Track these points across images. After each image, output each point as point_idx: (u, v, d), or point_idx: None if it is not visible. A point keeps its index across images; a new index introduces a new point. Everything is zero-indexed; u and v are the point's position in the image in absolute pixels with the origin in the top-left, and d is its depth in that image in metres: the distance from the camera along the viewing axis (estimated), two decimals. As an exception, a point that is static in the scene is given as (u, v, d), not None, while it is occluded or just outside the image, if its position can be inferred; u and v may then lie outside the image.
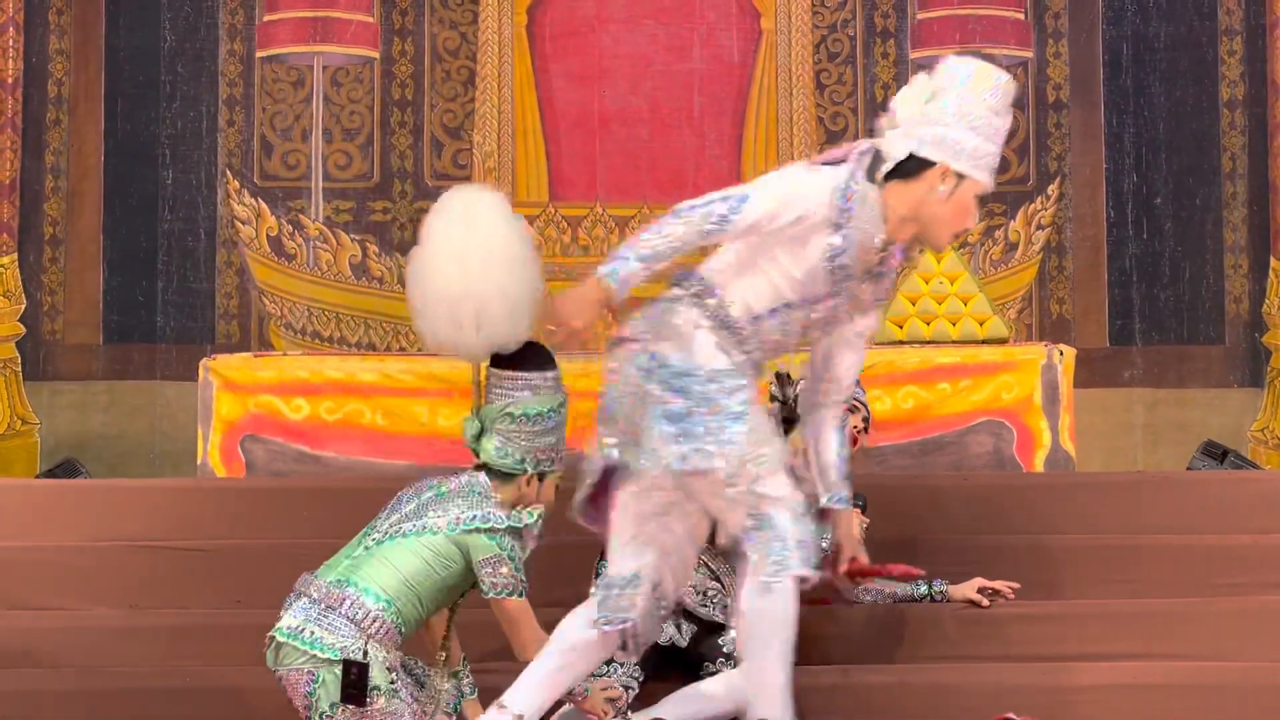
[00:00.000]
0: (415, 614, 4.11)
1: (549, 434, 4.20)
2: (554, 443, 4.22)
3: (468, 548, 4.09)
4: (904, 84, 9.48)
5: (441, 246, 4.22)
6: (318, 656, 4.01)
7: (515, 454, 4.18)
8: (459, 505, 4.14)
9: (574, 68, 8.56)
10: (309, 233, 8.59)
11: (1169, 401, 8.30)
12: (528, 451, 4.18)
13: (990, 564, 5.16)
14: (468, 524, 4.09)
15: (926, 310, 6.96)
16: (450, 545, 4.10)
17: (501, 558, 4.08)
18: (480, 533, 4.09)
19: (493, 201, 4.31)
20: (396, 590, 4.07)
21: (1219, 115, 8.50)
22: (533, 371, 4.19)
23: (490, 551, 4.08)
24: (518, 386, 4.18)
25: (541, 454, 4.19)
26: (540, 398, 4.18)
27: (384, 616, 4.04)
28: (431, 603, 4.13)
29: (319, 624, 4.04)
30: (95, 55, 8.58)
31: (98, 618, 5.16)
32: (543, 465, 4.20)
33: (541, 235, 8.49)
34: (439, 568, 4.10)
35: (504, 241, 4.21)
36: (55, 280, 8.50)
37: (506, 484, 4.19)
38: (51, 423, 8.31)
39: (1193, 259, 8.45)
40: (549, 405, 4.20)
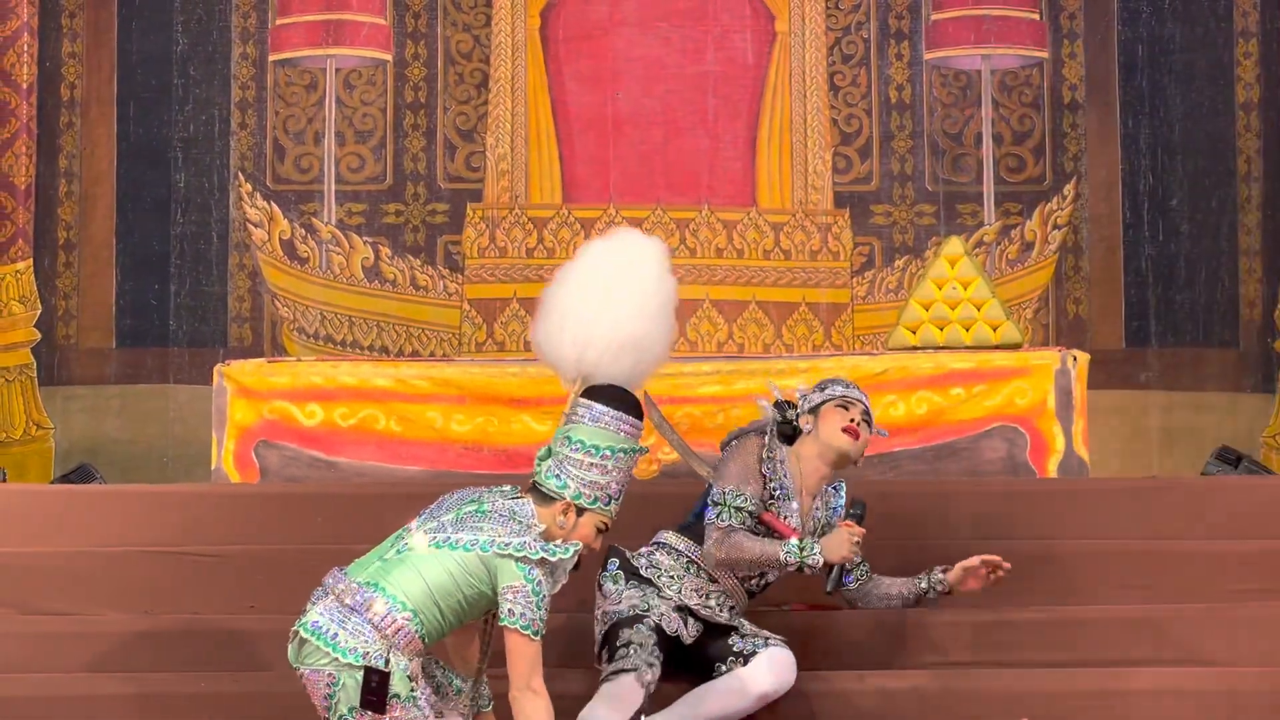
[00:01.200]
0: (437, 625, 4.10)
1: (603, 471, 4.17)
2: (604, 483, 4.18)
3: (495, 570, 4.07)
4: (918, 85, 9.50)
5: (599, 271, 4.29)
6: (339, 660, 4.01)
7: (561, 479, 4.17)
8: (498, 528, 4.11)
9: (587, 70, 8.56)
10: (321, 236, 8.60)
11: (1184, 405, 8.28)
12: (575, 480, 4.16)
13: (1003, 570, 5.16)
14: (502, 548, 4.07)
15: (940, 315, 6.95)
16: (479, 564, 4.08)
17: (525, 588, 4.05)
18: (512, 559, 4.06)
19: (660, 248, 4.40)
20: (420, 600, 4.06)
21: (1234, 118, 8.48)
22: (608, 407, 4.19)
23: (516, 579, 4.05)
24: (588, 415, 4.19)
25: (586, 487, 4.16)
26: (604, 433, 4.17)
27: (409, 626, 4.04)
28: (454, 616, 4.12)
29: (343, 626, 4.03)
30: (108, 59, 8.60)
31: (111, 623, 5.17)
32: (584, 499, 4.17)
33: (555, 238, 8.50)
34: (464, 585, 4.08)
35: (655, 285, 4.30)
36: (69, 285, 8.52)
37: (547, 506, 4.18)
38: (65, 427, 8.33)
39: (1208, 262, 8.43)
40: (609, 443, 4.17)
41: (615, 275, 4.28)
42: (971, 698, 4.82)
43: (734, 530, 4.63)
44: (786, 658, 4.65)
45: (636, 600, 4.62)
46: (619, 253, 4.33)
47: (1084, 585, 5.25)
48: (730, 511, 4.65)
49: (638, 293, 4.29)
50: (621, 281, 4.28)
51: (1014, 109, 8.68)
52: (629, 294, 4.27)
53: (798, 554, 4.60)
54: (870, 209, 8.63)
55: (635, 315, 4.26)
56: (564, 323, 4.27)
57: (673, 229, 8.45)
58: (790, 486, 4.75)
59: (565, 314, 4.27)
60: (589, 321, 4.23)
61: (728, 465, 4.74)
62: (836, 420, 4.76)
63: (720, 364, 6.74)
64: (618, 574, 4.68)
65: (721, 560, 4.64)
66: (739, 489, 4.67)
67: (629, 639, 4.55)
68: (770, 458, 4.75)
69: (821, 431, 4.76)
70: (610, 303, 4.24)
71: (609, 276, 4.28)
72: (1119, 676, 4.86)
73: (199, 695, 4.85)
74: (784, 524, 4.71)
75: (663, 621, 4.60)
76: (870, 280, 8.57)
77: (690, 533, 4.76)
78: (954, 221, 8.56)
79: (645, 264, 4.34)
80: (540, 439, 6.49)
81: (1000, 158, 8.60)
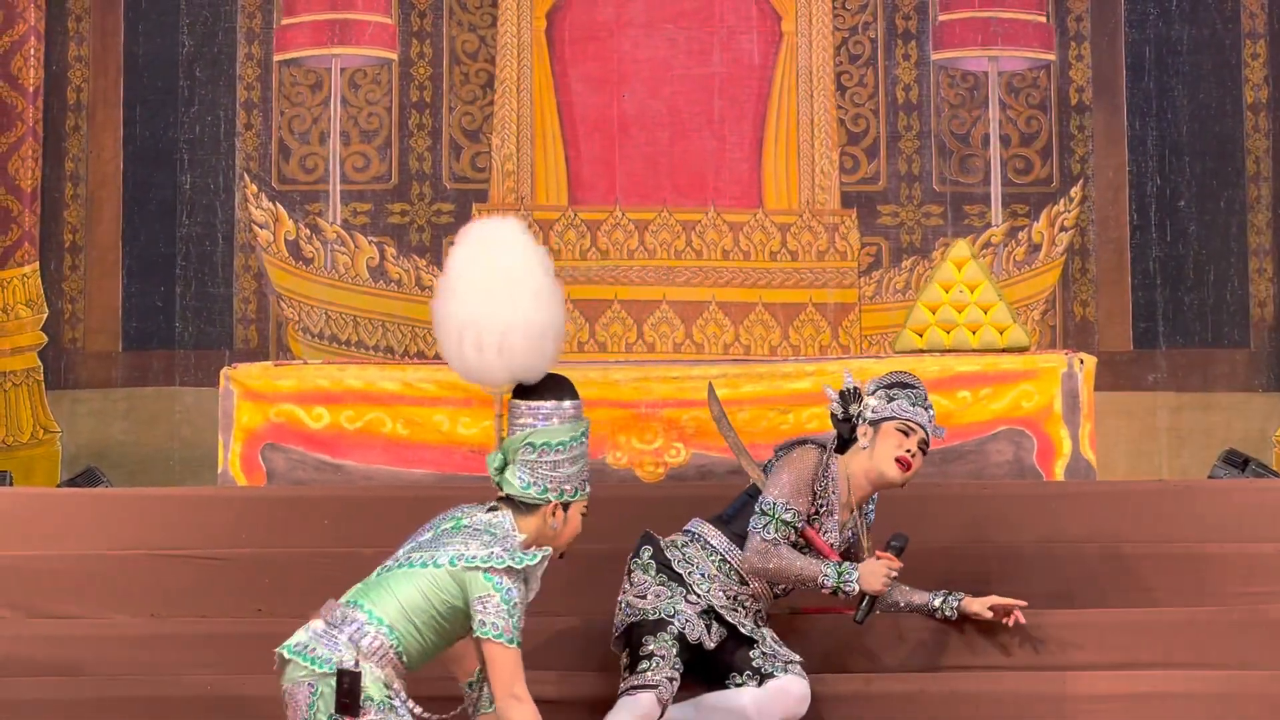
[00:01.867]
0: (417, 643, 4.10)
1: (572, 462, 4.19)
2: (577, 471, 4.21)
3: (465, 584, 4.08)
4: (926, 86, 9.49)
5: (465, 273, 4.23)
6: (315, 671, 4.03)
7: (539, 484, 4.17)
8: (469, 542, 4.12)
9: (593, 72, 8.55)
10: (326, 236, 8.60)
11: (1193, 405, 8.27)
12: (551, 480, 4.17)
13: (1009, 573, 5.17)
14: (469, 561, 4.07)
15: (946, 319, 6.95)
16: (450, 580, 4.09)
17: (494, 597, 4.04)
18: (479, 570, 4.06)
19: (516, 231, 4.33)
20: (395, 617, 4.08)
21: (1243, 119, 8.47)
22: (553, 400, 4.19)
23: (484, 590, 4.05)
24: (539, 415, 4.18)
25: (565, 483, 4.18)
26: (562, 426, 4.18)
27: (385, 641, 4.05)
28: (433, 634, 4.12)
29: (320, 641, 4.07)
30: (114, 62, 8.60)
31: (118, 626, 5.18)
32: (566, 494, 4.19)
33: (560, 240, 8.49)
34: (437, 601, 4.09)
35: (528, 271, 4.23)
36: (76, 288, 8.52)
37: (531, 515, 4.18)
38: (72, 431, 8.33)
39: (1217, 262, 8.43)
40: (571, 434, 4.19)
41: (487, 271, 4.22)
42: (977, 701, 4.81)
43: (778, 544, 4.62)
44: (801, 689, 4.63)
45: (663, 601, 4.61)
46: (481, 251, 4.27)
47: (1091, 588, 5.24)
48: (777, 524, 4.64)
49: (523, 278, 4.23)
50: (496, 274, 4.22)
51: (1021, 110, 8.67)
52: (509, 283, 4.21)
53: (835, 579, 4.61)
54: (877, 209, 8.62)
55: (533, 301, 4.22)
56: (466, 334, 4.22)
57: (679, 231, 8.44)
58: (835, 503, 4.74)
59: (463, 326, 4.22)
60: (485, 323, 4.19)
61: (781, 474, 4.70)
62: (893, 445, 4.70)
63: (727, 367, 6.75)
64: (649, 563, 4.67)
65: (759, 570, 4.64)
66: (789, 502, 4.65)
67: (652, 650, 4.54)
68: (825, 474, 4.72)
69: (876, 451, 4.71)
70: (497, 300, 4.20)
71: (482, 275, 4.22)
72: (1125, 680, 4.85)
73: (206, 698, 4.85)
74: (822, 540, 4.70)
75: (686, 629, 4.59)
76: (877, 280, 8.56)
77: (728, 529, 4.73)
78: (961, 222, 8.55)
79: (511, 248, 4.27)
80: (548, 441, 6.52)
81: (1007, 159, 8.60)
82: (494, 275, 4.20)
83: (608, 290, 8.40)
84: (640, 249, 8.44)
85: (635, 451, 6.55)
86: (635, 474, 6.54)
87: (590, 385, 6.56)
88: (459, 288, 4.24)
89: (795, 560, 4.63)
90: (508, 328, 4.17)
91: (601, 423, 6.52)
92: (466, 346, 4.22)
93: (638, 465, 6.55)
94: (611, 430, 6.55)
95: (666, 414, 6.19)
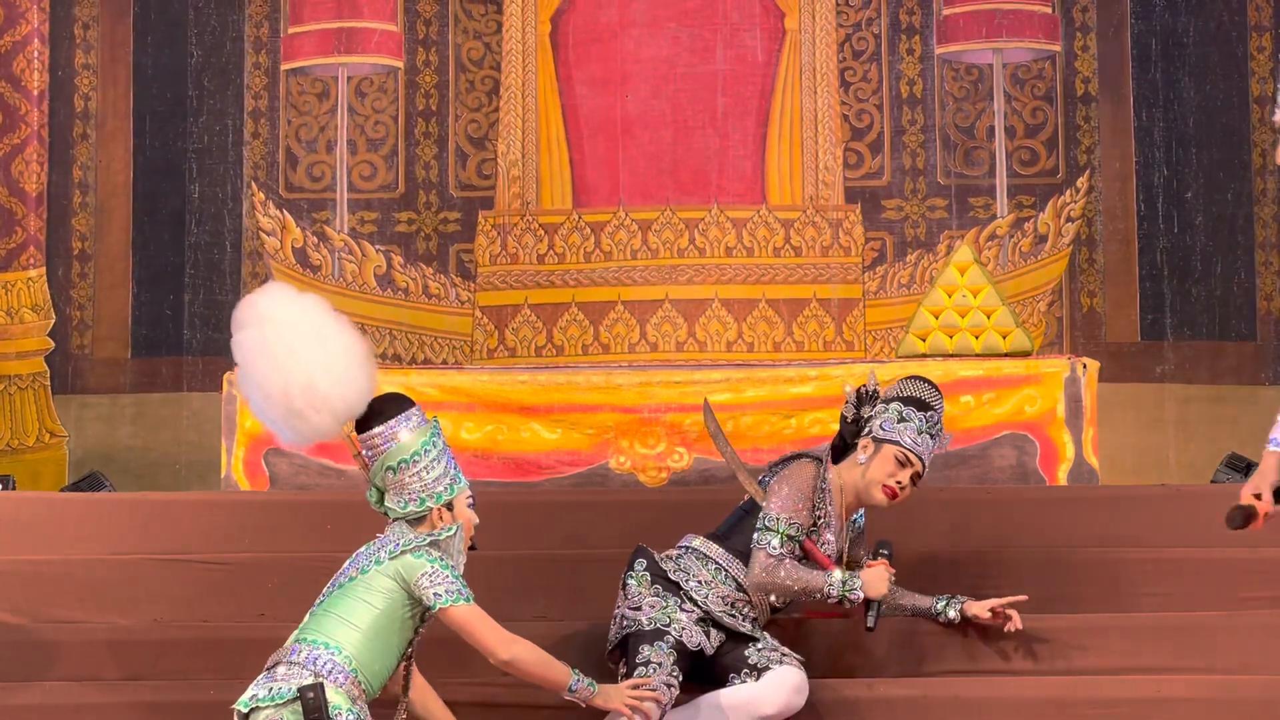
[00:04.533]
0: (371, 660, 4.14)
1: (435, 464, 4.27)
2: (443, 469, 4.29)
3: (399, 573, 4.17)
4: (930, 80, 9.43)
5: (249, 353, 4.32)
6: (276, 704, 4.07)
7: (414, 499, 4.26)
8: (388, 542, 4.23)
9: (597, 73, 8.54)
10: (334, 244, 8.61)
11: (1201, 398, 8.23)
12: (424, 490, 4.26)
13: (1012, 578, 5.15)
14: (393, 551, 4.18)
15: (949, 323, 6.94)
16: (383, 578, 4.17)
17: (433, 568, 4.15)
18: (405, 553, 4.17)
19: (275, 291, 4.44)
20: (346, 636, 4.14)
21: (1249, 110, 8.43)
22: (390, 420, 4.27)
23: (421, 568, 4.15)
24: (383, 440, 4.26)
25: (435, 485, 4.26)
26: (408, 439, 4.26)
27: (336, 660, 4.09)
28: (384, 642, 4.17)
29: (271, 679, 4.12)
30: (124, 73, 8.63)
31: (120, 631, 5.19)
32: (443, 495, 4.27)
33: (565, 243, 8.49)
34: (380, 603, 4.16)
35: (298, 323, 4.30)
36: (84, 295, 8.55)
37: (422, 525, 4.27)
38: (80, 436, 8.36)
39: (1224, 254, 8.39)
40: (421, 441, 4.27)
41: (264, 342, 4.30)
42: (980, 706, 4.79)
43: (783, 559, 4.63)
44: (798, 680, 4.62)
45: (657, 611, 4.61)
46: (252, 326, 4.35)
47: (1094, 593, 5.22)
48: (782, 539, 4.64)
49: (294, 334, 4.30)
50: (272, 341, 4.29)
51: (1026, 102, 8.65)
52: (288, 342, 4.28)
53: (840, 589, 4.62)
54: (882, 204, 8.60)
55: (317, 347, 4.28)
56: (277, 410, 4.29)
57: (682, 229, 8.43)
58: (832, 514, 4.74)
59: (270, 403, 4.30)
60: (286, 389, 4.25)
61: (782, 487, 4.70)
62: (887, 471, 4.70)
63: (730, 371, 6.74)
64: (643, 575, 4.67)
65: (766, 584, 4.64)
66: (792, 516, 4.65)
67: (649, 657, 4.54)
68: (822, 487, 4.72)
69: (869, 471, 4.71)
70: (285, 365, 4.27)
71: (262, 348, 4.30)
72: (1129, 685, 4.83)
73: (209, 703, 4.84)
74: (824, 555, 4.70)
75: (683, 637, 4.59)
76: (882, 275, 8.55)
77: (724, 543, 4.73)
78: (966, 215, 8.53)
79: (272, 310, 4.35)
80: (550, 446, 6.53)
81: (1013, 151, 8.57)
82: (268, 346, 4.27)
83: (611, 291, 8.40)
84: (643, 249, 8.44)
85: (638, 456, 6.55)
86: (638, 479, 6.54)
87: (593, 390, 6.58)
88: (251, 369, 4.32)
89: (799, 573, 4.63)
90: (306, 385, 4.24)
91: (604, 427, 6.53)
92: (288, 423, 4.30)
93: (640, 470, 6.55)
94: (614, 435, 6.55)
95: (669, 419, 6.19)
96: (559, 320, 8.39)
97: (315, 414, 4.26)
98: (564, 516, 5.60)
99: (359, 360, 4.32)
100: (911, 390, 4.79)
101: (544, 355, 8.24)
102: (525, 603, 5.13)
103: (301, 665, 4.09)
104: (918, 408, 4.75)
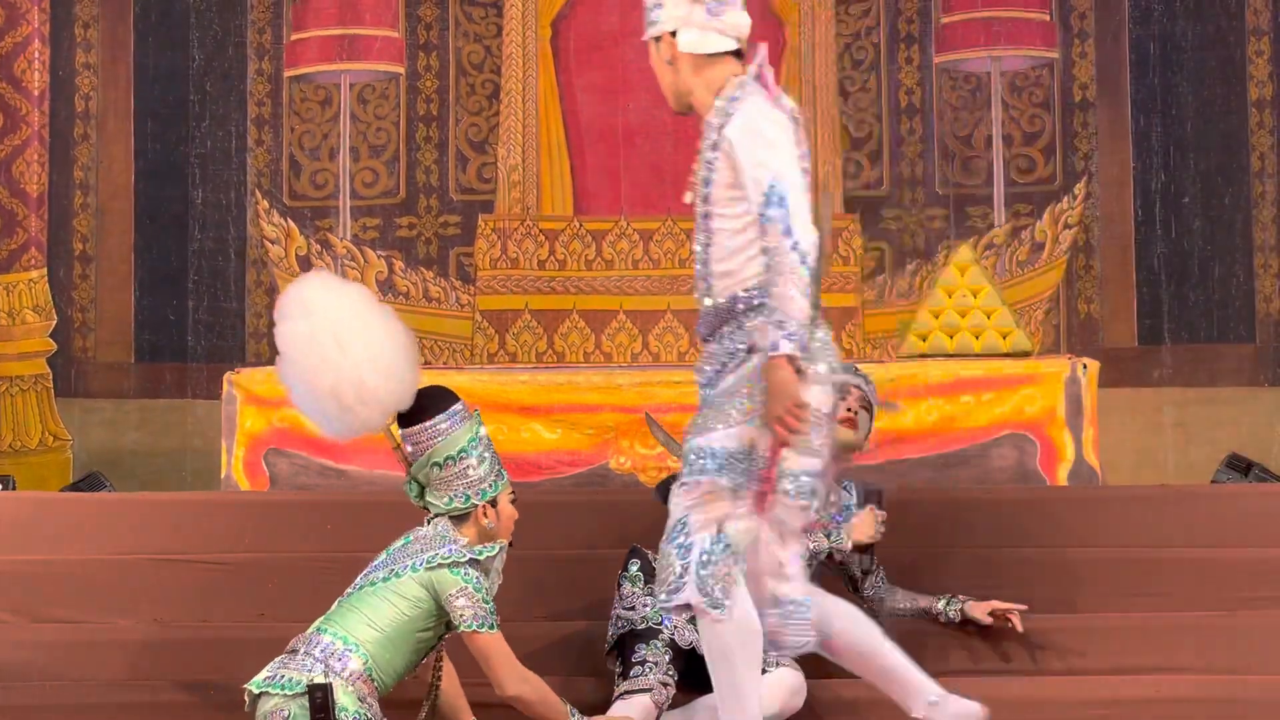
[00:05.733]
0: (389, 660, 4.14)
1: (480, 461, 4.24)
2: (488, 468, 4.26)
3: (433, 585, 4.14)
4: (928, 89, 9.43)
5: (297, 347, 4.27)
6: (286, 694, 4.07)
7: (459, 495, 4.23)
8: (425, 549, 4.19)
9: (597, 80, 8.56)
10: (337, 252, 8.63)
11: (1199, 401, 8.25)
12: (468, 487, 4.23)
13: (1013, 578, 5.15)
14: (430, 561, 4.14)
15: (950, 323, 6.95)
16: (416, 586, 4.15)
17: (467, 589, 4.11)
18: (444, 567, 4.13)
19: (319, 281, 4.40)
20: (366, 635, 4.12)
21: (1247, 115, 8.46)
22: (436, 416, 4.25)
23: (455, 585, 4.12)
24: (429, 436, 4.24)
25: (481, 483, 4.24)
26: (454, 436, 4.24)
27: (351, 657, 4.09)
28: (406, 647, 4.16)
29: (286, 666, 4.12)
30: (125, 73, 8.65)
31: (121, 631, 5.18)
32: (488, 492, 4.24)
33: (566, 250, 8.50)
34: (408, 609, 4.15)
35: (345, 315, 4.26)
36: (86, 297, 8.56)
37: (465, 524, 4.24)
38: (84, 439, 8.36)
39: (1222, 258, 8.41)
40: (469, 436, 4.25)
41: (311, 334, 4.25)
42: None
43: None
44: (795, 681, 4.61)
45: (651, 611, 4.60)
46: (298, 318, 4.29)
47: (1094, 593, 5.21)
48: None
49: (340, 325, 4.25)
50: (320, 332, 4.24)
51: (1024, 109, 8.67)
52: (335, 334, 4.23)
53: (825, 540, 4.60)
54: (880, 213, 8.63)
55: (360, 340, 4.23)
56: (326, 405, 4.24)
57: (683, 239, 8.44)
58: None
59: (319, 398, 4.24)
60: (336, 384, 4.20)
61: None
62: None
63: (730, 371, 6.73)
64: (637, 575, 4.67)
65: None
66: None
67: (644, 656, 4.54)
68: None
69: None
70: (333, 358, 4.22)
71: (309, 341, 4.25)
72: (1129, 685, 4.83)
73: (209, 704, 4.85)
74: None
75: (676, 636, 4.58)
76: (881, 284, 8.56)
77: None
78: (964, 224, 8.55)
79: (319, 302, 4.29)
80: (550, 446, 6.54)
81: (1010, 159, 8.59)
82: (317, 340, 4.22)
83: (613, 300, 8.41)
84: (645, 259, 8.45)
85: (638, 456, 6.56)
86: (638, 479, 6.55)
87: (593, 390, 6.58)
88: (295, 374, 4.27)
89: None
90: (356, 381, 4.19)
91: (605, 427, 6.54)
92: (337, 418, 4.26)
93: (640, 470, 6.56)
94: (615, 435, 6.55)
95: (669, 419, 6.18)
96: (560, 326, 8.40)
97: (364, 408, 4.23)
98: (564, 516, 5.60)
99: (405, 352, 4.27)
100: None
101: (545, 361, 8.25)
102: (525, 603, 5.12)
103: (316, 658, 4.07)
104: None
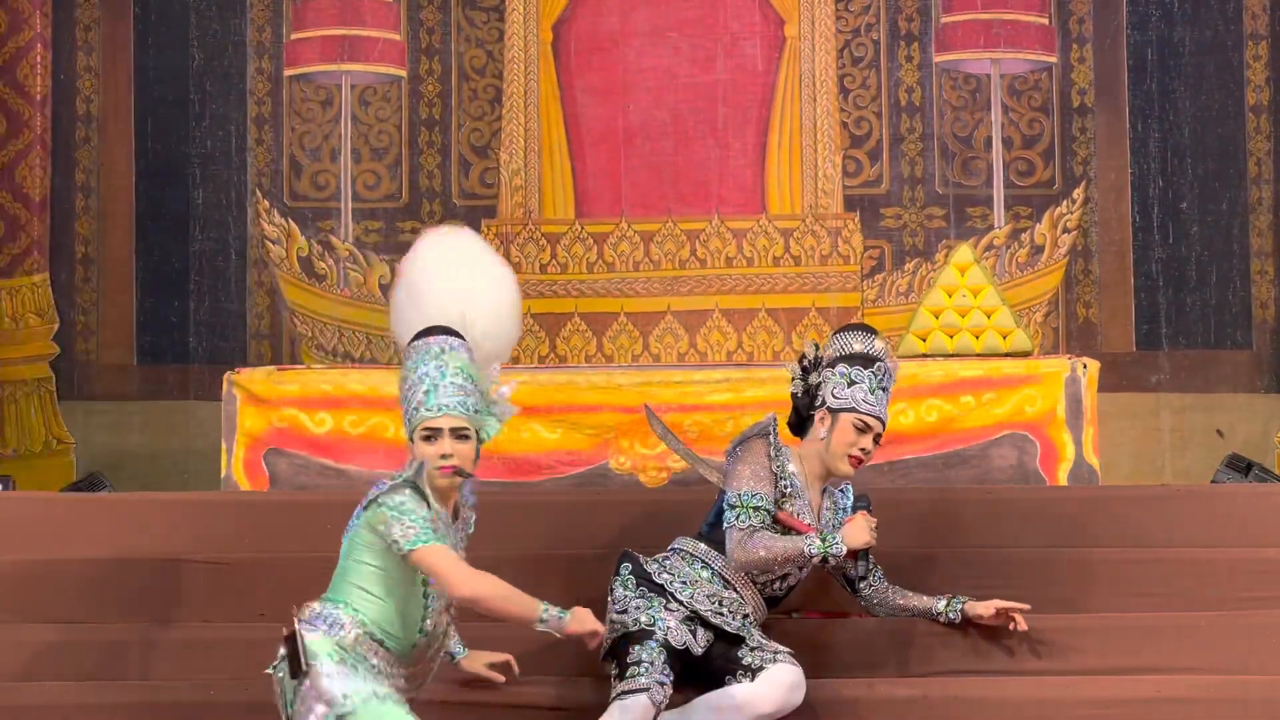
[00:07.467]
0: (382, 611, 4.16)
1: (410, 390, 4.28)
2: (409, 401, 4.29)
3: (372, 524, 4.18)
4: (928, 88, 9.46)
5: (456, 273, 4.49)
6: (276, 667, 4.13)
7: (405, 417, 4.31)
8: (368, 494, 4.26)
9: (598, 83, 8.57)
10: (339, 253, 8.63)
11: (1196, 406, 8.26)
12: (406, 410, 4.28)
13: (1013, 578, 5.15)
14: (365, 504, 4.21)
15: (950, 323, 6.96)
16: (364, 531, 4.20)
17: (392, 515, 4.13)
18: (373, 505, 4.18)
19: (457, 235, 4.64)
20: (350, 594, 4.17)
21: (1245, 120, 8.47)
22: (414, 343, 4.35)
23: (384, 518, 4.14)
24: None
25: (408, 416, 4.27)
26: (407, 365, 4.32)
27: (342, 614, 4.14)
28: (393, 594, 4.17)
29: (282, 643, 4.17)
30: (125, 74, 8.65)
31: (120, 631, 5.19)
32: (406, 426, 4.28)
33: (568, 253, 8.51)
34: (370, 557, 4.18)
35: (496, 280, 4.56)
36: (88, 300, 8.56)
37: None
38: (87, 442, 8.36)
39: (1219, 263, 8.42)
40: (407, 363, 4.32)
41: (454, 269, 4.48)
42: (980, 706, 4.80)
43: (755, 530, 4.61)
44: (794, 677, 4.62)
45: (642, 614, 4.61)
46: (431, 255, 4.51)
47: (1094, 593, 5.22)
48: (749, 512, 4.63)
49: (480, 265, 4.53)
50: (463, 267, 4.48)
51: (1023, 113, 8.68)
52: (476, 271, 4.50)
53: (820, 546, 4.60)
54: (880, 212, 8.63)
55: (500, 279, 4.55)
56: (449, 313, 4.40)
57: (683, 240, 8.45)
58: (799, 484, 4.74)
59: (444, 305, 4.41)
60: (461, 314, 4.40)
61: (737, 468, 4.71)
62: (848, 441, 4.71)
63: (730, 371, 6.76)
64: (628, 579, 4.68)
65: (746, 561, 4.62)
66: (754, 489, 4.65)
67: (639, 657, 4.55)
68: (777, 456, 4.72)
69: (831, 442, 4.72)
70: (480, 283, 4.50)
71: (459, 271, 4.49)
72: (1129, 685, 4.84)
73: (209, 704, 4.86)
74: (799, 521, 4.69)
75: (670, 637, 4.59)
76: (880, 283, 8.57)
77: (707, 539, 4.74)
78: (964, 225, 8.56)
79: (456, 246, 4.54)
80: (550, 446, 6.54)
81: (1010, 161, 8.60)
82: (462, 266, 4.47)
83: (614, 303, 8.42)
84: (645, 261, 8.46)
85: (638, 456, 6.56)
86: (638, 479, 6.55)
87: (593, 390, 6.59)
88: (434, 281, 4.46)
89: (775, 542, 4.62)
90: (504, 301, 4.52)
91: (605, 427, 6.54)
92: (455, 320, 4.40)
93: (640, 470, 6.56)
94: (615, 435, 6.55)
95: (669, 418, 6.18)
96: (562, 330, 8.40)
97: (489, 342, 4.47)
98: (564, 516, 5.60)
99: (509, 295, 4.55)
100: (849, 344, 4.79)
101: (547, 364, 8.25)
102: (525, 603, 5.12)
103: (308, 622, 4.13)
104: (863, 364, 4.75)
